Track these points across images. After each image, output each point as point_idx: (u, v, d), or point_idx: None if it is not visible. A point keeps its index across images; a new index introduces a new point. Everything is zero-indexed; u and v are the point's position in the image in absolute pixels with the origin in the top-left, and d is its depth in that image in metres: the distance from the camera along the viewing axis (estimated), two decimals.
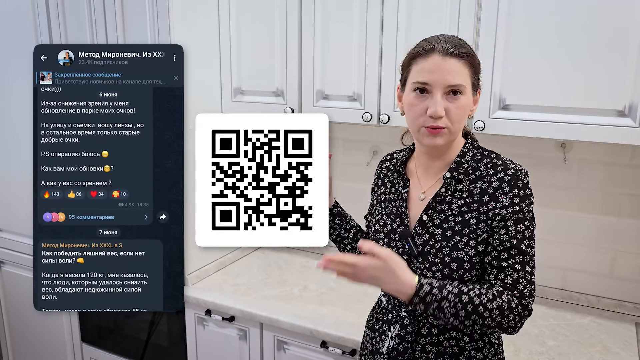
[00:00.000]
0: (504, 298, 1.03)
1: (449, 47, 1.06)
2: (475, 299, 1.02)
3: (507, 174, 1.10)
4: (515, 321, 1.04)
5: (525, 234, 1.07)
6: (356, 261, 1.02)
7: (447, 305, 1.02)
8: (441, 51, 1.05)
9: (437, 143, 1.09)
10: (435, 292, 1.02)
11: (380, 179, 1.29)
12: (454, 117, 1.06)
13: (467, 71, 1.07)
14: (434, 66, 1.05)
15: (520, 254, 1.06)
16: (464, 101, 1.07)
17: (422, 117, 1.07)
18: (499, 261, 1.07)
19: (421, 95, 1.07)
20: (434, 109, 1.04)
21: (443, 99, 1.05)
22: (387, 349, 1.19)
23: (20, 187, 2.16)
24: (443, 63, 1.05)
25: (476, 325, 1.03)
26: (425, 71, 1.06)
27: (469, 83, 1.07)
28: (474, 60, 1.09)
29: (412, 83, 1.08)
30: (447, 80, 1.05)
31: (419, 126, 1.09)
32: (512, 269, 1.05)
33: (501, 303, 1.03)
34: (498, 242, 1.07)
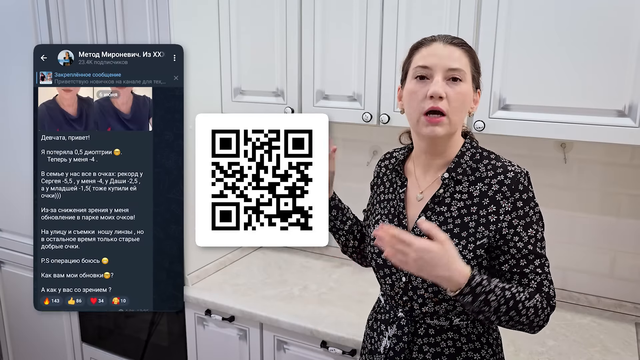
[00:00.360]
0: (537, 298, 1.05)
1: (451, 38, 1.10)
2: (517, 295, 1.02)
3: (507, 176, 1.09)
4: (544, 321, 1.06)
5: (537, 236, 1.08)
6: (412, 241, 0.96)
7: (494, 298, 0.99)
8: (443, 40, 1.09)
9: (436, 133, 1.08)
10: (485, 284, 0.99)
11: (379, 178, 1.28)
12: (453, 102, 1.06)
13: (467, 61, 1.09)
14: (435, 51, 1.08)
15: (537, 257, 1.08)
16: (465, 88, 1.08)
17: (422, 103, 1.07)
18: (519, 268, 1.07)
19: (422, 82, 1.08)
20: (434, 89, 1.05)
21: (443, 83, 1.06)
22: (384, 349, 1.19)
23: (20, 187, 2.16)
24: (444, 49, 1.08)
25: (510, 322, 1.03)
26: (426, 56, 1.08)
27: (469, 71, 1.09)
28: (474, 55, 1.12)
29: (414, 69, 1.10)
30: (448, 64, 1.06)
31: (420, 114, 1.08)
32: (534, 273, 1.07)
33: (536, 303, 1.04)
34: (515, 249, 1.08)
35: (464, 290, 0.98)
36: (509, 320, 1.03)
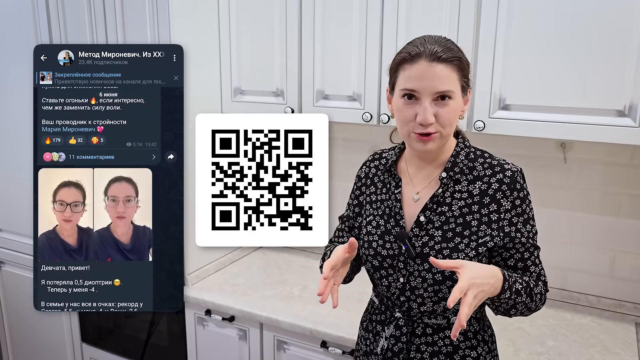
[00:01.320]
0: (540, 285, 1.13)
1: (436, 49, 1.03)
2: (530, 283, 1.10)
3: (506, 175, 1.10)
4: (541, 305, 1.14)
5: (534, 230, 1.14)
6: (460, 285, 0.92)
7: (520, 287, 1.06)
8: (428, 56, 1.03)
9: (428, 149, 1.08)
10: (508, 276, 1.05)
11: (369, 179, 1.25)
12: (444, 121, 1.05)
13: (455, 75, 1.05)
14: (421, 73, 1.03)
15: (535, 249, 1.14)
16: (454, 105, 1.05)
17: (412, 123, 1.06)
18: (523, 261, 1.13)
19: (409, 102, 1.06)
20: (422, 116, 1.03)
21: (432, 105, 1.04)
22: (381, 350, 1.19)
23: (20, 187, 2.16)
24: (430, 69, 1.02)
25: (525, 309, 1.10)
26: (412, 78, 1.04)
27: (458, 87, 1.06)
28: (462, 63, 1.07)
29: (400, 90, 1.07)
30: (435, 86, 1.03)
31: (409, 132, 1.08)
32: (534, 265, 1.14)
33: (540, 289, 1.13)
34: (520, 244, 1.12)
35: (504, 286, 1.03)
36: (525, 307, 1.10)
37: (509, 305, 1.07)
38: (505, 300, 1.05)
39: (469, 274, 0.95)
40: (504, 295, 1.03)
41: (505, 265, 1.13)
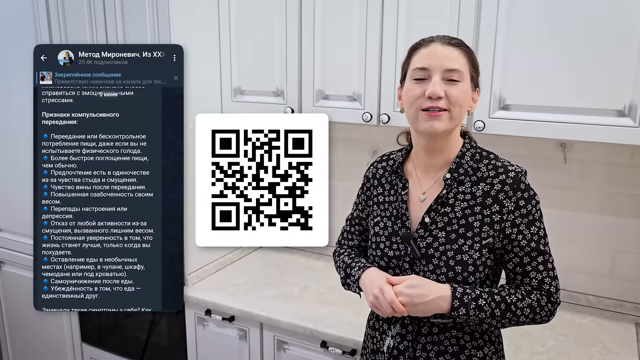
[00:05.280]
0: (533, 297, 1.08)
1: (449, 37, 1.11)
2: (507, 298, 1.07)
3: (509, 176, 1.10)
4: (548, 315, 1.10)
5: (540, 233, 1.10)
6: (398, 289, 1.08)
7: (484, 303, 1.05)
8: (440, 40, 1.09)
9: (435, 128, 1.07)
10: (469, 292, 1.05)
11: (377, 180, 1.26)
12: (453, 99, 1.06)
13: (465, 61, 1.09)
14: (434, 52, 1.08)
15: (540, 255, 1.10)
16: (463, 87, 1.08)
17: (420, 100, 1.07)
18: (522, 266, 1.10)
19: (420, 81, 1.09)
20: (432, 89, 1.05)
21: (442, 83, 1.06)
22: (387, 348, 1.19)
23: (20, 187, 2.16)
24: (442, 49, 1.08)
25: (512, 322, 1.08)
26: (424, 57, 1.09)
27: (467, 72, 1.09)
28: (473, 55, 1.12)
29: (412, 70, 1.10)
30: (446, 64, 1.06)
31: (417, 109, 1.08)
32: (535, 271, 1.10)
33: (531, 302, 1.08)
34: (519, 248, 1.10)
35: (454, 304, 1.04)
36: (510, 321, 1.07)
37: (479, 320, 1.06)
38: (465, 317, 1.06)
39: (408, 281, 1.07)
40: (455, 312, 1.05)
41: (505, 269, 1.13)
